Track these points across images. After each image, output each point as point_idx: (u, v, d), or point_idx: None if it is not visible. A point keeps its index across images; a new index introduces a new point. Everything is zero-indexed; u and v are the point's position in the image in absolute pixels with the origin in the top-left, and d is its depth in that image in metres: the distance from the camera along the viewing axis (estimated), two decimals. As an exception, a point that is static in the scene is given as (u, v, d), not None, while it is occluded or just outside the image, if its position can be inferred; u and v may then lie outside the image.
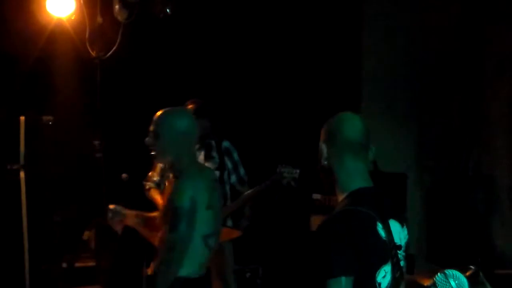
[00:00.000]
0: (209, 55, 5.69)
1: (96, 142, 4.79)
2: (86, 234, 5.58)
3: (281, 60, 5.91)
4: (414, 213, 5.88)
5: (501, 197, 5.66)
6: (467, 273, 2.66)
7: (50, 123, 4.75)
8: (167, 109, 3.07)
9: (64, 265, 5.20)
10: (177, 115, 3.07)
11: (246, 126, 5.65)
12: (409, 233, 2.24)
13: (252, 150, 5.16)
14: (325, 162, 2.20)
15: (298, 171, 4.34)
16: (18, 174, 4.59)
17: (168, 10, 4.78)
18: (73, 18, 4.75)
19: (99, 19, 4.75)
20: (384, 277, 2.06)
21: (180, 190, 2.93)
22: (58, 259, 5.05)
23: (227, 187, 4.48)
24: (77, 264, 5.35)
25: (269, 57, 5.87)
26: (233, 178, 4.53)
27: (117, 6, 4.65)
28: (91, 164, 4.80)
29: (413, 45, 6.25)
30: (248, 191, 4.46)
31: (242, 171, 4.57)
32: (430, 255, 6.03)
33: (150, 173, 4.46)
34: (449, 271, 1.98)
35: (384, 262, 2.06)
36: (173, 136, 2.99)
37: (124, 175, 4.75)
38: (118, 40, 4.75)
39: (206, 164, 4.37)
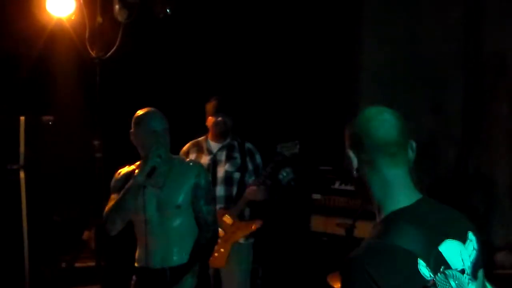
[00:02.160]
0: (209, 54, 5.70)
1: (96, 142, 4.79)
2: (86, 234, 5.58)
3: (280, 60, 5.91)
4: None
5: (501, 197, 5.66)
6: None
7: (50, 123, 4.76)
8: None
9: (64, 265, 5.21)
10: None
11: (246, 126, 5.65)
12: (478, 242, 1.82)
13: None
14: (356, 173, 1.80)
15: (297, 142, 4.25)
16: (18, 174, 4.60)
17: (168, 10, 4.78)
18: (73, 18, 4.75)
19: (99, 19, 4.75)
20: None
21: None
22: (58, 259, 5.06)
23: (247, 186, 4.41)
24: (77, 264, 5.36)
25: (268, 57, 5.87)
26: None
27: (117, 6, 4.64)
28: (91, 164, 4.80)
29: (413, 46, 6.25)
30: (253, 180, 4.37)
31: None
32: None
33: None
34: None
35: None
36: None
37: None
38: (118, 40, 4.75)
39: (227, 165, 4.37)
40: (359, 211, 4.15)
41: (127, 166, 3.35)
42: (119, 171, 3.37)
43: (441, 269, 1.67)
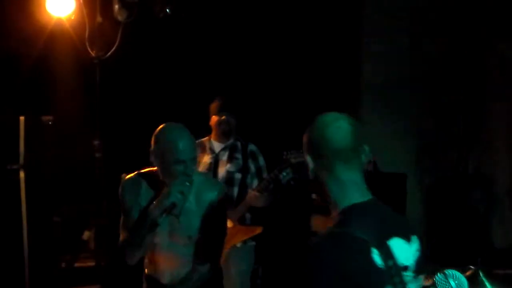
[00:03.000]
0: (209, 55, 5.69)
1: (96, 142, 4.79)
2: (86, 234, 5.58)
3: (280, 62, 5.90)
4: (414, 213, 5.87)
5: (500, 197, 5.67)
6: (467, 273, 2.65)
7: (50, 123, 4.75)
8: None
9: (64, 265, 5.20)
10: None
11: (245, 129, 5.65)
12: (421, 245, 1.99)
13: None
14: (312, 175, 1.94)
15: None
16: (18, 174, 4.59)
17: (168, 10, 4.79)
18: (72, 18, 4.75)
19: (99, 19, 4.75)
20: None
21: None
22: (58, 259, 5.05)
23: (248, 191, 4.34)
24: (77, 264, 5.36)
25: (268, 57, 5.87)
26: (255, 182, 4.39)
27: (117, 6, 4.65)
28: (91, 164, 4.80)
29: (413, 46, 6.25)
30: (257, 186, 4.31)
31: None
32: (430, 255, 6.03)
33: None
34: (449, 271, 1.97)
35: None
36: None
37: (124, 175, 4.75)
38: (117, 40, 4.75)
39: (228, 165, 4.33)
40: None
41: (136, 173, 3.06)
42: (127, 178, 3.06)
43: (389, 263, 1.80)
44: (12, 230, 4.58)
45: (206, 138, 4.49)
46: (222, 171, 4.36)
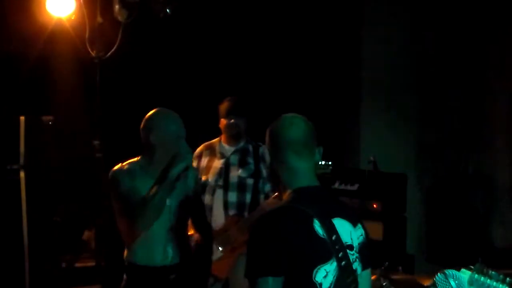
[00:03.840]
0: (209, 55, 5.69)
1: (96, 142, 4.79)
2: (86, 234, 5.58)
3: (280, 61, 5.91)
4: (414, 213, 5.87)
5: (501, 197, 5.66)
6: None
7: (50, 123, 4.75)
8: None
9: (64, 265, 5.20)
10: None
11: (254, 130, 5.65)
12: (366, 234, 2.18)
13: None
14: (270, 165, 2.22)
15: (330, 163, 4.07)
16: (18, 174, 4.59)
17: (168, 10, 4.78)
18: (73, 18, 4.75)
19: (99, 19, 4.74)
20: (325, 277, 2.00)
21: None
22: (58, 259, 5.05)
23: (261, 196, 4.22)
24: (77, 264, 5.36)
25: (268, 57, 5.87)
26: (267, 187, 4.24)
27: (117, 6, 4.64)
28: (91, 164, 4.80)
29: (413, 45, 6.25)
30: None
31: None
32: (430, 255, 6.03)
33: None
34: (449, 271, 1.97)
35: (322, 261, 2.00)
36: None
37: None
38: (118, 40, 4.75)
39: (240, 170, 4.21)
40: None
41: (122, 164, 3.29)
42: (116, 168, 3.27)
43: (333, 237, 2.02)
44: (12, 230, 4.58)
45: (216, 140, 4.39)
46: (234, 176, 4.22)
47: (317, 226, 2.02)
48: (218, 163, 4.26)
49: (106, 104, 4.88)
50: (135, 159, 3.27)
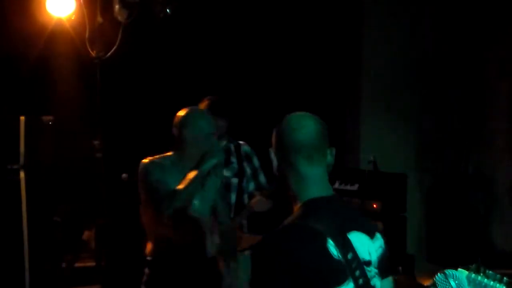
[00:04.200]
0: (209, 54, 5.69)
1: (96, 142, 4.79)
2: (86, 234, 5.58)
3: (280, 60, 5.91)
4: (414, 213, 5.88)
5: (501, 197, 5.67)
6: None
7: (50, 123, 4.75)
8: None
9: (64, 265, 5.20)
10: None
11: (244, 126, 5.65)
12: (385, 243, 1.97)
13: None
14: (276, 170, 1.97)
15: None
16: (18, 174, 4.59)
17: (168, 10, 4.78)
18: (73, 18, 4.74)
19: (99, 19, 4.74)
20: None
21: None
22: (58, 259, 5.05)
23: (245, 196, 4.20)
24: (77, 264, 5.36)
25: (268, 57, 5.87)
26: (251, 185, 4.23)
27: (117, 6, 4.64)
28: (91, 164, 4.80)
29: (413, 46, 6.25)
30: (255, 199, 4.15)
31: (262, 178, 4.25)
32: (430, 255, 6.03)
33: None
34: (449, 271, 1.96)
35: (337, 284, 1.80)
36: None
37: (124, 175, 4.75)
38: (118, 40, 4.75)
39: (224, 171, 4.12)
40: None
41: (152, 158, 3.32)
42: (147, 161, 3.28)
43: (349, 256, 1.82)
44: (13, 230, 4.58)
45: None
46: None
47: (331, 246, 1.80)
48: None
49: (106, 104, 4.88)
50: (167, 153, 3.33)
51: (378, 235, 1.97)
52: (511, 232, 5.54)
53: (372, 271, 1.89)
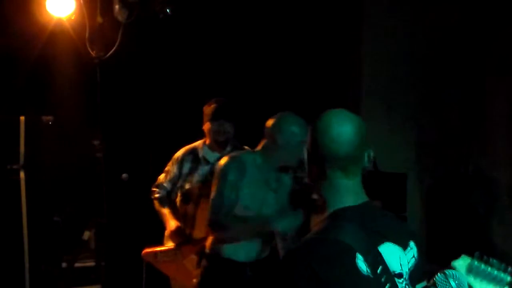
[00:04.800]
0: (209, 55, 5.69)
1: (96, 142, 4.79)
2: (86, 234, 5.58)
3: (280, 61, 5.90)
4: (414, 213, 5.88)
5: (500, 197, 5.66)
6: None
7: (50, 123, 4.75)
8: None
9: (64, 265, 5.20)
10: None
11: (244, 127, 5.65)
12: (419, 252, 1.94)
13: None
14: (308, 171, 1.90)
15: None
16: (18, 174, 4.59)
17: (168, 10, 4.78)
18: (73, 18, 4.75)
19: (99, 19, 4.74)
20: None
21: None
22: (58, 259, 5.05)
23: None
24: (77, 264, 5.35)
25: (268, 57, 5.87)
26: None
27: (117, 6, 4.64)
28: (91, 164, 4.80)
29: (413, 45, 6.25)
30: None
31: None
32: (430, 255, 6.03)
33: (161, 176, 4.18)
34: (449, 271, 1.96)
35: None
36: None
37: (124, 175, 4.75)
38: (118, 40, 4.75)
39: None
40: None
41: (237, 153, 3.40)
42: (230, 158, 3.33)
43: (378, 270, 1.72)
44: (12, 230, 4.57)
45: (199, 143, 4.09)
46: None
47: (360, 261, 1.70)
48: (202, 171, 4.00)
49: (106, 104, 4.88)
50: (256, 148, 3.36)
51: (411, 244, 1.90)
52: (511, 233, 5.54)
53: (403, 282, 1.82)
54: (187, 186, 4.05)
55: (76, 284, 5.11)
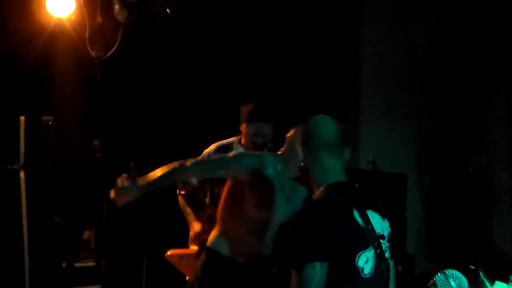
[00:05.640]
0: (209, 55, 5.69)
1: (96, 142, 4.79)
2: (86, 234, 5.58)
3: (279, 61, 5.90)
4: (414, 213, 5.88)
5: (500, 197, 5.66)
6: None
7: (50, 123, 4.75)
8: None
9: (64, 265, 5.20)
10: None
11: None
12: (391, 227, 2.32)
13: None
14: (302, 163, 2.34)
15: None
16: (18, 174, 4.59)
17: (168, 10, 4.78)
18: (73, 18, 4.75)
19: (99, 19, 4.75)
20: (366, 262, 2.14)
21: None
22: (58, 259, 5.05)
23: None
24: (77, 264, 5.35)
25: (268, 58, 5.87)
26: None
27: (117, 6, 4.65)
28: (91, 164, 4.80)
29: (413, 45, 6.25)
30: None
31: None
32: (430, 255, 6.03)
33: None
34: (449, 271, 1.98)
35: (363, 248, 2.15)
36: None
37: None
38: (118, 40, 4.75)
39: None
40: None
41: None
42: (246, 152, 3.39)
43: (369, 227, 2.18)
44: (12, 230, 4.57)
45: (234, 140, 3.88)
46: None
47: (357, 215, 2.17)
48: None
49: (106, 104, 4.89)
50: (280, 149, 3.24)
51: (386, 218, 2.33)
52: (511, 233, 5.54)
53: (385, 244, 2.24)
54: (216, 189, 3.86)
55: (76, 284, 5.11)
